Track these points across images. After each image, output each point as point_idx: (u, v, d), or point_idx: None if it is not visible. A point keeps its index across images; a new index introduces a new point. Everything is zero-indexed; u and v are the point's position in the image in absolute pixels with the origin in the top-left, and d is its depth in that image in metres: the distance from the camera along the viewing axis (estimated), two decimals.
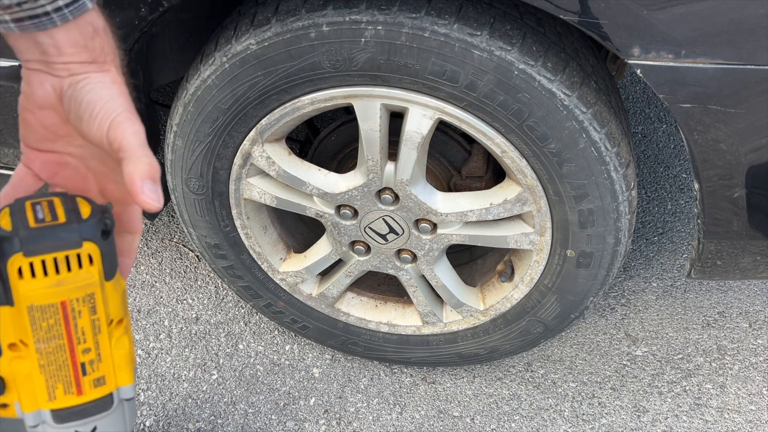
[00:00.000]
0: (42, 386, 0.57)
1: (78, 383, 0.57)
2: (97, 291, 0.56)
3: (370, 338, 1.57)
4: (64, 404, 0.57)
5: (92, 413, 0.59)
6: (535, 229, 1.28)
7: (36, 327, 0.55)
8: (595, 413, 1.57)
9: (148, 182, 0.54)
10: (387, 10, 1.06)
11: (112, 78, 0.59)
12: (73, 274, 0.54)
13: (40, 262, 0.53)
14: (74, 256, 0.54)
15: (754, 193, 1.09)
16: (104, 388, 0.59)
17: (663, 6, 0.93)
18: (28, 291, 0.54)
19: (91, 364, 0.57)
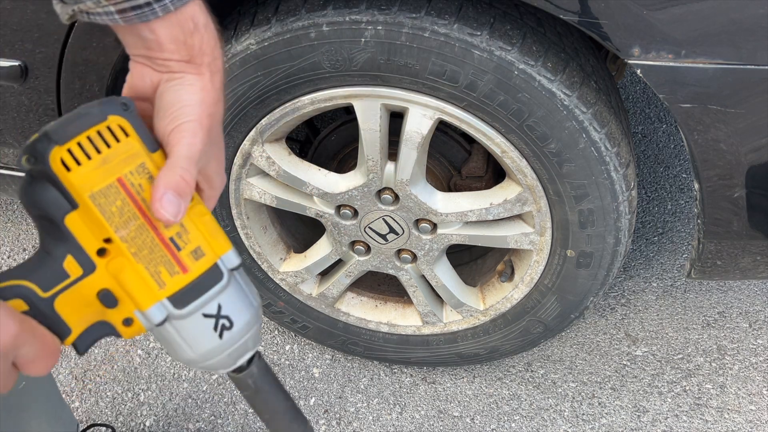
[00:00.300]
0: (146, 276, 0.55)
1: (178, 260, 0.56)
2: (146, 160, 0.55)
3: (370, 338, 1.57)
4: (176, 287, 0.56)
5: (206, 288, 0.57)
6: (535, 229, 1.28)
7: (108, 214, 0.54)
8: (595, 413, 1.57)
9: (171, 194, 0.54)
10: (387, 10, 1.06)
11: (202, 84, 0.59)
12: (114, 148, 0.54)
13: (77, 145, 0.52)
14: (106, 130, 0.54)
15: (754, 193, 1.09)
16: (205, 259, 0.57)
17: (663, 6, 0.93)
18: (81, 178, 0.53)
19: (179, 236, 0.56)
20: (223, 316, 0.58)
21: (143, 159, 0.55)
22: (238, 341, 0.60)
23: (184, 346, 0.59)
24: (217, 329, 0.58)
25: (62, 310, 0.55)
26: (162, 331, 0.58)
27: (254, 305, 0.61)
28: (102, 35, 1.13)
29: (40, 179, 0.53)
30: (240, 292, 0.60)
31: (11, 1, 1.11)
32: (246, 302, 0.60)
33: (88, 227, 0.54)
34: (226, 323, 0.59)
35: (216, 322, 0.58)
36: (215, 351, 0.59)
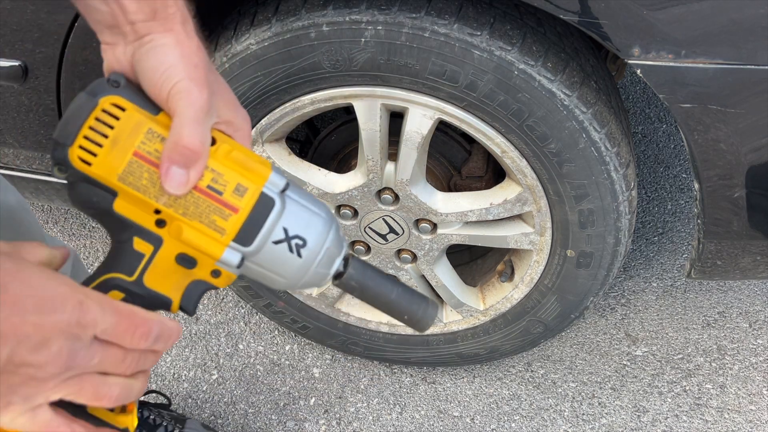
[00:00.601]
0: (204, 229, 0.57)
1: (224, 203, 0.57)
2: (151, 125, 0.55)
3: (370, 338, 1.57)
4: (235, 228, 0.58)
5: (263, 218, 0.58)
6: (535, 229, 1.28)
7: (142, 188, 0.55)
8: (595, 413, 1.57)
9: (176, 167, 0.54)
10: (387, 10, 1.06)
11: (176, 39, 0.57)
12: (117, 127, 0.54)
13: (84, 139, 0.54)
14: (102, 114, 0.54)
15: (754, 193, 1.09)
16: (250, 193, 0.58)
17: (663, 6, 0.93)
18: (102, 168, 0.54)
19: (215, 181, 0.57)
20: (292, 237, 0.59)
21: (148, 125, 0.55)
22: (319, 253, 0.60)
23: (273, 276, 0.61)
24: (293, 251, 0.59)
25: (153, 285, 0.58)
26: (246, 270, 0.60)
27: (321, 214, 0.61)
28: None
29: (77, 182, 0.55)
30: (300, 207, 0.60)
31: (11, 1, 1.11)
32: (310, 215, 0.61)
33: (135, 206, 0.56)
34: (299, 242, 0.60)
35: (288, 244, 0.59)
36: (302, 270, 0.60)
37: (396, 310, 0.66)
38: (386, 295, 0.65)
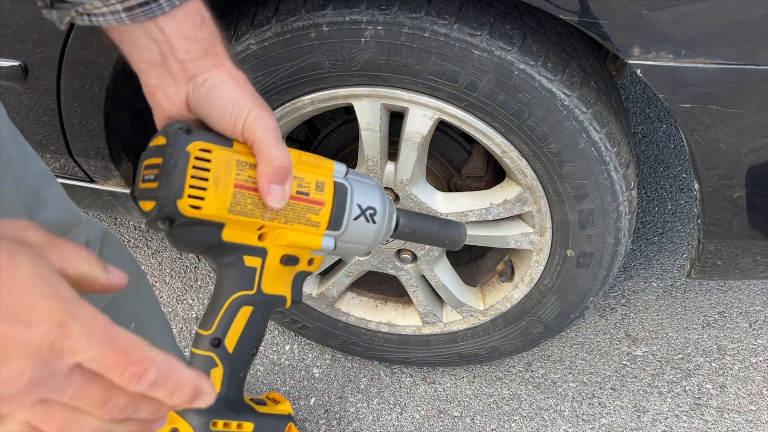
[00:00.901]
0: (304, 228, 0.66)
1: (313, 201, 0.66)
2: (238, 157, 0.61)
3: (370, 338, 1.57)
4: (326, 218, 0.67)
5: (344, 203, 0.68)
6: (535, 229, 1.28)
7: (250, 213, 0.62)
8: (595, 413, 1.57)
9: (275, 184, 0.61)
10: (387, 10, 1.06)
11: (229, 74, 0.62)
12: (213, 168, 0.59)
13: (191, 188, 0.58)
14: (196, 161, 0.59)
15: (754, 193, 1.09)
16: (327, 186, 0.67)
17: (663, 6, 0.93)
18: (213, 207, 0.60)
19: (301, 185, 0.65)
20: (365, 209, 0.70)
21: (235, 157, 0.61)
22: (385, 215, 0.72)
23: (359, 246, 0.72)
24: (369, 220, 0.70)
25: (270, 290, 0.67)
26: (338, 250, 0.70)
27: (374, 183, 0.72)
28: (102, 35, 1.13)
29: (184, 226, 0.60)
30: (361, 185, 0.71)
31: (11, 1, 1.11)
32: (369, 188, 0.71)
33: (241, 231, 0.63)
34: (372, 212, 0.71)
35: (365, 216, 0.70)
36: (377, 233, 0.72)
37: (439, 240, 0.79)
38: (430, 230, 0.78)
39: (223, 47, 0.62)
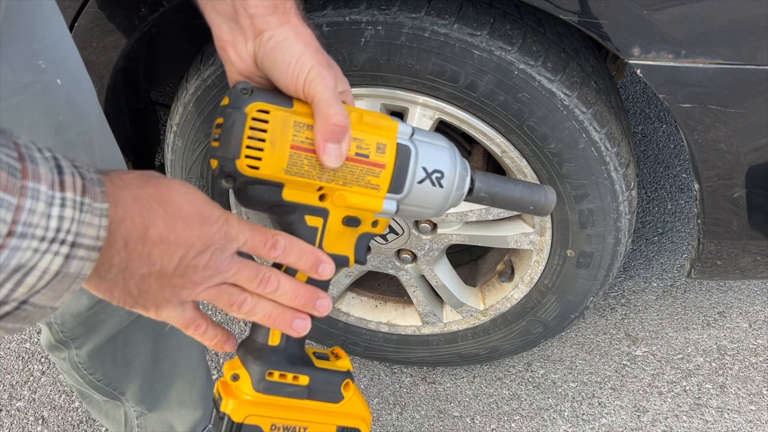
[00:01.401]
0: (363, 191, 0.66)
1: (373, 163, 0.65)
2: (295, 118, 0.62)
3: (370, 338, 1.57)
4: (386, 181, 0.66)
5: (405, 165, 0.66)
6: (535, 229, 1.28)
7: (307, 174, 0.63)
8: (595, 413, 1.57)
9: (331, 144, 0.61)
10: (387, 10, 1.06)
11: (294, 31, 0.62)
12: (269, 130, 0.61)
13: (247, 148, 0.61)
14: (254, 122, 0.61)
15: (754, 193, 1.09)
16: (389, 148, 0.65)
17: (663, 6, 0.93)
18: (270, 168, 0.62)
19: (360, 147, 0.64)
20: (430, 173, 0.67)
21: (293, 118, 0.62)
22: (454, 180, 0.68)
23: (424, 210, 0.69)
24: (435, 184, 0.68)
25: (332, 249, 0.67)
26: (402, 213, 0.69)
27: (445, 146, 0.69)
28: (102, 35, 1.13)
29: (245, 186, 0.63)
30: (429, 146, 0.68)
31: None
32: (437, 150, 0.68)
33: (301, 191, 0.64)
34: (438, 175, 0.68)
35: (430, 179, 0.67)
36: (445, 197, 0.69)
37: (523, 205, 0.74)
38: (511, 194, 0.73)
39: (292, 3, 0.63)
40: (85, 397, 1.17)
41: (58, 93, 0.73)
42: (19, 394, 1.65)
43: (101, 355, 1.04)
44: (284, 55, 0.61)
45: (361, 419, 0.71)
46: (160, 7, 1.10)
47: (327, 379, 0.70)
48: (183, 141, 1.27)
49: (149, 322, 1.07)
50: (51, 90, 0.73)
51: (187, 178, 1.32)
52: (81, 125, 0.77)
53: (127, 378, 1.10)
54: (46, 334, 1.01)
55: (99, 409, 1.20)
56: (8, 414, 1.61)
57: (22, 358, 1.72)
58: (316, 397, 0.69)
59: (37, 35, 0.71)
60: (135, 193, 0.51)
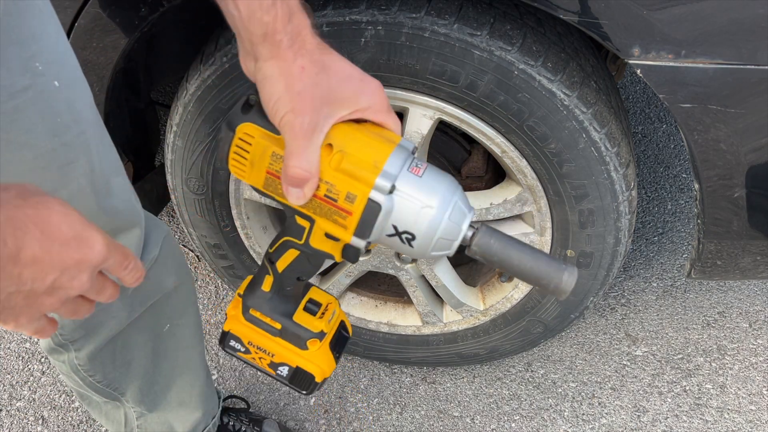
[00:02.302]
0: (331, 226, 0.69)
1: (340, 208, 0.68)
2: (274, 149, 0.67)
3: (370, 338, 1.57)
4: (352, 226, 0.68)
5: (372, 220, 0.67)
6: (535, 229, 1.28)
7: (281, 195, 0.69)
8: (595, 413, 1.57)
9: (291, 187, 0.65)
10: (387, 10, 1.06)
11: (279, 69, 0.63)
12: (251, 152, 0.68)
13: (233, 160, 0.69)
14: (239, 141, 0.68)
15: (754, 193, 1.09)
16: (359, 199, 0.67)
17: (663, 6, 0.93)
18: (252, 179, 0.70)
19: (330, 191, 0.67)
20: (402, 232, 0.67)
21: (272, 149, 0.67)
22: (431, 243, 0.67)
23: (404, 249, 0.69)
24: (404, 242, 0.68)
25: (318, 246, 0.73)
26: (381, 245, 0.74)
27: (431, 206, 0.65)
28: (102, 35, 1.13)
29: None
30: (409, 203, 0.66)
31: None
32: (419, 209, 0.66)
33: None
34: (408, 236, 0.68)
35: (399, 237, 0.68)
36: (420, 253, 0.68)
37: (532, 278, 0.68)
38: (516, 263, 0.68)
39: (285, 36, 0.62)
40: (85, 399, 1.17)
41: (56, 95, 0.74)
42: (19, 394, 1.65)
43: (101, 357, 1.04)
44: (265, 92, 0.64)
45: (318, 368, 0.85)
46: (160, 7, 1.10)
47: (296, 332, 0.84)
48: (183, 141, 1.27)
49: (148, 323, 1.07)
50: (49, 92, 0.73)
51: (187, 177, 1.32)
52: (79, 127, 0.77)
53: (126, 379, 1.10)
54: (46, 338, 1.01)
55: (99, 411, 1.20)
56: (8, 414, 1.61)
57: (22, 358, 1.72)
58: (286, 339, 0.84)
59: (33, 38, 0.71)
60: (10, 214, 0.51)
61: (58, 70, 0.74)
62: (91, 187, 0.81)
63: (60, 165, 0.77)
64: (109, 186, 0.85)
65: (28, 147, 0.73)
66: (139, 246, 0.93)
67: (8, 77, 0.69)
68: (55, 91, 0.74)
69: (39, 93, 0.72)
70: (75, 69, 0.79)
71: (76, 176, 0.78)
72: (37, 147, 0.74)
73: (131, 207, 0.90)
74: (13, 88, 0.69)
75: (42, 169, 0.75)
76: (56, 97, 0.74)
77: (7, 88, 0.69)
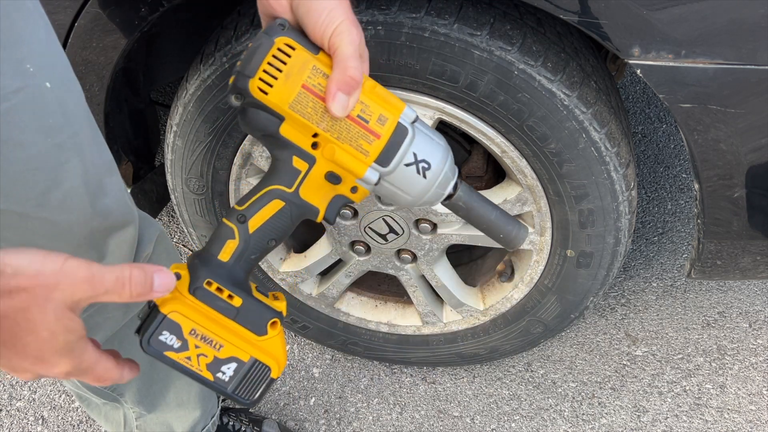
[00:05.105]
0: (352, 151, 0.69)
1: (370, 130, 0.68)
2: (315, 63, 0.66)
3: (370, 338, 1.57)
4: (377, 151, 0.69)
5: (399, 143, 0.69)
6: (535, 229, 1.28)
7: (307, 115, 0.67)
8: (595, 413, 1.57)
9: (340, 93, 0.65)
10: (387, 10, 1.06)
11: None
12: (289, 63, 0.66)
13: (264, 72, 0.65)
14: (278, 52, 0.65)
15: (754, 193, 1.09)
16: (390, 122, 0.69)
17: (663, 6, 0.93)
18: (277, 97, 0.66)
19: (364, 112, 0.68)
20: (420, 161, 0.71)
21: (313, 62, 0.66)
22: (439, 176, 0.72)
23: (401, 194, 0.72)
24: (419, 172, 0.71)
25: (306, 196, 0.71)
26: (380, 188, 0.72)
27: (441, 144, 0.72)
28: (102, 35, 1.13)
29: (250, 108, 0.67)
30: (426, 137, 0.71)
31: None
32: (434, 144, 0.72)
33: (297, 131, 0.68)
34: (425, 165, 0.71)
35: (417, 167, 0.71)
36: (425, 189, 0.72)
37: (493, 230, 0.77)
38: (487, 216, 0.77)
39: None
40: (84, 401, 1.17)
41: (48, 96, 0.74)
42: (19, 394, 1.65)
43: None
44: (317, 5, 0.65)
45: (275, 360, 0.72)
46: (160, 7, 1.10)
47: (258, 310, 0.71)
48: (183, 141, 1.27)
49: None
50: (41, 94, 0.73)
51: (188, 177, 1.32)
52: (71, 128, 0.78)
53: None
54: None
55: (98, 412, 1.20)
56: (8, 414, 1.61)
57: None
58: (242, 322, 0.71)
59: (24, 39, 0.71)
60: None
61: (49, 71, 0.74)
62: (85, 187, 0.81)
63: (53, 166, 0.77)
64: (102, 185, 0.85)
65: (22, 148, 0.73)
66: (133, 244, 0.93)
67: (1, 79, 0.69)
68: (47, 92, 0.74)
69: (31, 94, 0.72)
70: (66, 69, 0.79)
71: (69, 177, 0.79)
72: (31, 148, 0.74)
73: (125, 206, 0.90)
74: (6, 90, 0.70)
75: (35, 170, 0.75)
76: (48, 99, 0.74)
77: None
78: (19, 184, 0.75)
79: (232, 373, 0.70)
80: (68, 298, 0.56)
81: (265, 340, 0.72)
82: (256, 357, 0.71)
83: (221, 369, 0.70)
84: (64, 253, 0.57)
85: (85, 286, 0.57)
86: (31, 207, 0.77)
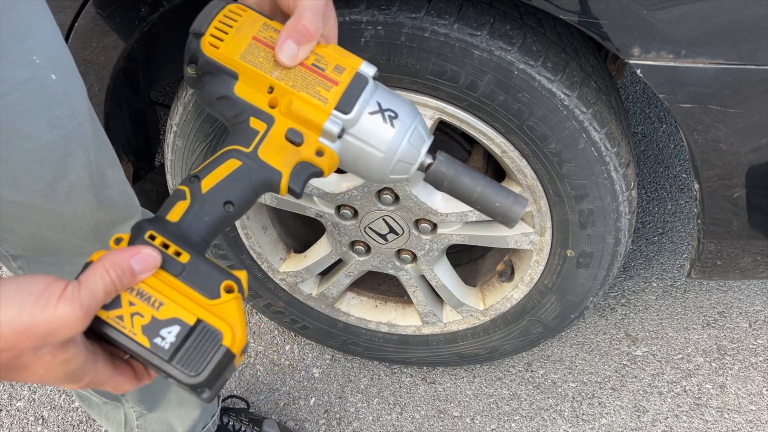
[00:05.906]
0: (310, 99, 0.66)
1: (327, 77, 0.67)
2: (266, 21, 0.67)
3: (370, 338, 1.57)
4: (336, 97, 0.66)
5: (360, 90, 0.67)
6: (535, 229, 1.28)
7: (259, 65, 0.66)
8: (595, 413, 1.57)
9: (291, 41, 0.64)
10: (387, 10, 1.06)
11: None
12: (240, 21, 0.67)
13: (215, 29, 0.66)
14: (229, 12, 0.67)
15: (754, 193, 1.09)
16: (347, 71, 0.67)
17: (663, 6, 0.93)
18: (228, 48, 0.66)
19: (319, 61, 0.67)
20: (385, 109, 0.68)
21: (264, 20, 0.67)
22: (410, 128, 0.68)
23: (370, 149, 0.67)
24: (386, 120, 0.67)
25: (266, 157, 0.66)
26: (346, 144, 0.68)
27: (407, 102, 0.70)
28: (102, 35, 1.13)
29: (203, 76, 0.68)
30: (389, 92, 0.69)
31: None
32: (399, 98, 0.70)
33: (252, 87, 0.67)
34: (392, 114, 0.68)
35: (383, 115, 0.68)
36: (396, 140, 0.67)
37: (487, 202, 0.70)
38: (474, 186, 0.70)
39: None
40: (85, 400, 1.17)
41: (54, 88, 0.75)
42: (19, 394, 1.65)
43: None
44: None
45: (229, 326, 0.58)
46: (160, 7, 1.10)
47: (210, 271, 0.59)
48: (183, 141, 1.27)
49: None
50: (47, 85, 0.74)
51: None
52: (76, 119, 0.78)
53: None
54: None
55: (99, 411, 1.20)
56: (8, 414, 1.61)
57: None
58: (189, 282, 0.59)
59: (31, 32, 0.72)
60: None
61: (54, 63, 0.75)
62: (90, 178, 0.82)
63: (59, 156, 0.77)
64: (106, 177, 0.85)
65: (30, 138, 0.74)
66: None
67: (9, 70, 0.70)
68: (53, 83, 0.74)
69: (39, 85, 0.73)
70: (70, 62, 0.80)
71: (75, 168, 0.79)
72: (38, 138, 0.74)
73: (128, 198, 0.91)
74: (15, 80, 0.70)
75: (42, 161, 0.76)
76: (54, 90, 0.75)
77: (9, 81, 0.70)
78: (27, 175, 0.76)
79: (173, 338, 0.56)
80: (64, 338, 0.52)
81: (217, 304, 0.58)
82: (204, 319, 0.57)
83: (160, 333, 0.56)
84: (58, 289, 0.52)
85: (81, 322, 0.52)
86: (38, 198, 0.77)
